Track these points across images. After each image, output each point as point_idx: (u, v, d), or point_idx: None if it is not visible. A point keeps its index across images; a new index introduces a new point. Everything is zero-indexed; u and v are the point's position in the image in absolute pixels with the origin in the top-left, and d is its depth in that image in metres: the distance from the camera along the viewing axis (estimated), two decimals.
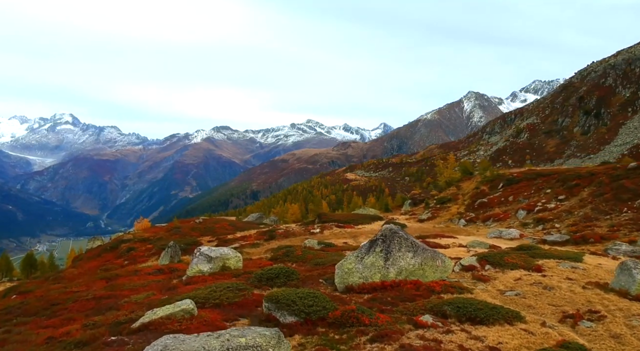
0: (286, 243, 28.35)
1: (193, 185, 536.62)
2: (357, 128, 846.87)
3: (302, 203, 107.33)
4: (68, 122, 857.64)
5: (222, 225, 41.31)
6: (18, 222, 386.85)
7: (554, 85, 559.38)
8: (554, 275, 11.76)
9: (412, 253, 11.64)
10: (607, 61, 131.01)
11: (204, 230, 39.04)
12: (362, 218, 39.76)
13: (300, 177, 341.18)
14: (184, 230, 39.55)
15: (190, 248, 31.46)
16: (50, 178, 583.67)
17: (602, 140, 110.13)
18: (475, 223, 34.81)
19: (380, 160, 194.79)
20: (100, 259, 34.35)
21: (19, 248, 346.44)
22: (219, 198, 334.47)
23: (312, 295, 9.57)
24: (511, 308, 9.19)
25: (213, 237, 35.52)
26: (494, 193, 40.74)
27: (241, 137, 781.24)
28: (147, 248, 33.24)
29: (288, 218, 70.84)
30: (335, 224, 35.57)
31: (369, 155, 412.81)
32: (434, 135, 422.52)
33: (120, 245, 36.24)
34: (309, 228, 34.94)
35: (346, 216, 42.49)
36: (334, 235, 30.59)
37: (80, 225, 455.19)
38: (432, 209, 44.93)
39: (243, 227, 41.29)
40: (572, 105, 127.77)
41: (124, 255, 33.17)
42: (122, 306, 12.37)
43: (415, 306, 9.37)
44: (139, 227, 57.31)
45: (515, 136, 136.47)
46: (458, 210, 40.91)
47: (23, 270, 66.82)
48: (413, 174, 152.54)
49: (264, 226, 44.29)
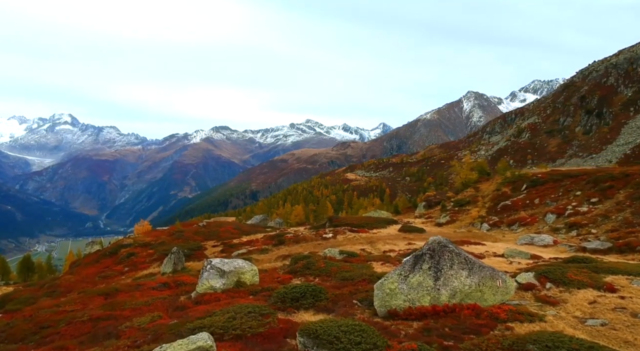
0: (297, 249, 26.67)
1: (192, 185, 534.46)
2: (356, 128, 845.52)
3: (304, 204, 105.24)
4: (67, 122, 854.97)
5: (227, 228, 39.45)
6: (17, 222, 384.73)
7: (554, 84, 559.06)
8: (633, 297, 9.92)
9: (467, 271, 9.81)
10: (609, 60, 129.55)
11: (208, 234, 37.42)
12: (375, 222, 37.54)
13: (299, 177, 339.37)
14: (187, 234, 37.66)
15: (194, 253, 29.44)
16: (49, 178, 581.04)
17: (605, 140, 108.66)
18: (499, 228, 32.54)
19: (380, 160, 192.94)
20: (99, 265, 32.46)
21: (17, 249, 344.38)
22: (218, 199, 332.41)
23: (358, 329, 7.76)
24: (608, 345, 7.39)
25: (218, 242, 33.93)
26: (517, 196, 38.57)
27: (240, 137, 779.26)
28: (148, 254, 31.50)
29: (292, 220, 69.18)
30: (349, 228, 33.61)
31: (368, 155, 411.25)
32: (434, 135, 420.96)
33: (120, 250, 34.48)
34: (320, 232, 32.99)
35: (359, 219, 39.87)
36: (348, 240, 28.53)
37: (79, 225, 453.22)
38: (450, 212, 42.66)
39: (249, 230, 39.34)
40: (573, 104, 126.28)
41: (123, 261, 31.46)
42: (122, 333, 10.55)
43: (487, 344, 7.49)
44: (139, 231, 55.03)
45: (517, 136, 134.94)
46: (479, 213, 38.57)
47: (20, 273, 64.31)
48: (414, 174, 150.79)
49: (270, 229, 42.49)
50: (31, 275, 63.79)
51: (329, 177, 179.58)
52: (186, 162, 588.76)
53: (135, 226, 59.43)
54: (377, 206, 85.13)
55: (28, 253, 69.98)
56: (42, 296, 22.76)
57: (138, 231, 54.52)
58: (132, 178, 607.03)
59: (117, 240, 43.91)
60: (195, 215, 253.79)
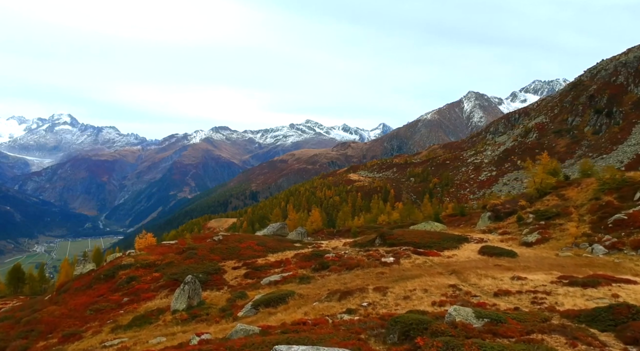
0: (352, 279, 20.26)
1: (192, 186, 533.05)
2: (356, 129, 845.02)
3: (320, 209, 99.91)
4: (66, 122, 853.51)
5: (248, 244, 32.48)
6: (16, 223, 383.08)
7: (554, 85, 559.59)
8: None
9: None
10: (618, 59, 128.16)
11: (226, 252, 30.57)
12: (441, 240, 30.00)
13: (299, 177, 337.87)
14: (200, 251, 30.74)
15: (212, 279, 23.99)
16: (48, 178, 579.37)
17: (615, 140, 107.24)
18: (621, 251, 25.09)
19: (384, 161, 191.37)
20: (92, 292, 26.41)
21: (16, 250, 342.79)
22: (218, 199, 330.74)
23: None
24: None
25: (239, 262, 27.73)
26: (631, 207, 30.47)
27: (240, 137, 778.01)
28: (153, 278, 25.83)
29: (308, 227, 62.73)
30: (411, 249, 26.64)
31: (368, 155, 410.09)
32: (434, 135, 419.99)
33: (118, 272, 27.74)
34: (373, 253, 25.81)
35: (417, 236, 31.88)
36: (419, 268, 22.15)
37: (78, 225, 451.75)
38: (534, 227, 34.44)
39: (275, 246, 31.48)
40: (582, 103, 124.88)
41: (122, 288, 25.61)
42: None
43: None
44: (141, 244, 46.16)
45: (524, 136, 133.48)
46: (579, 230, 30.98)
47: (9, 283, 59.92)
48: (418, 175, 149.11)
49: (300, 244, 34.20)
50: (22, 286, 59.88)
51: (331, 177, 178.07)
52: (186, 163, 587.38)
53: (137, 238, 50.14)
54: (398, 211, 79.58)
55: (18, 263, 63.32)
56: (15, 338, 19.88)
57: (140, 245, 46.18)
58: (132, 178, 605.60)
59: (114, 257, 34.55)
60: (195, 215, 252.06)
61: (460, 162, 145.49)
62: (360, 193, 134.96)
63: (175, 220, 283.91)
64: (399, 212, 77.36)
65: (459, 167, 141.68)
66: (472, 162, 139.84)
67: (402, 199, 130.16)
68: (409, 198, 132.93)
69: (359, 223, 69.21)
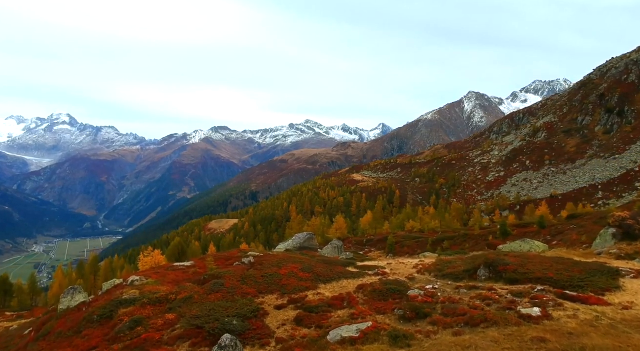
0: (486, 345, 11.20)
1: (191, 186, 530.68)
2: (355, 129, 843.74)
3: (344, 215, 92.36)
4: (65, 122, 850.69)
5: (290, 269, 21.43)
6: (14, 222, 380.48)
7: (555, 85, 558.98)
8: None
9: None
10: (629, 57, 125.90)
11: (263, 282, 17.40)
12: (581, 272, 18.30)
13: (300, 177, 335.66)
14: (228, 281, 18.30)
15: (250, 327, 15.12)
16: (47, 178, 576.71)
17: (628, 140, 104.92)
18: None
19: (388, 161, 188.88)
20: (80, 342, 16.76)
21: (15, 250, 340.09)
22: (218, 199, 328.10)
23: None
24: None
25: (282, 297, 17.80)
26: None
27: (239, 137, 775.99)
28: (166, 323, 16.35)
29: (331, 235, 56.22)
30: (554, 291, 15.98)
31: (369, 155, 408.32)
32: (435, 135, 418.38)
33: (118, 310, 18.45)
34: (491, 295, 15.75)
35: (542, 265, 19.53)
36: (593, 328, 12.07)
37: (77, 225, 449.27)
38: None
39: (324, 273, 19.02)
40: (592, 102, 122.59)
41: (123, 336, 16.15)
42: None
43: None
44: (146, 264, 35.87)
45: (532, 135, 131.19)
46: None
47: None
48: (424, 175, 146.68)
49: (355, 269, 22.61)
50: (9, 300, 54.61)
51: (333, 178, 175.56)
52: (185, 163, 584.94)
53: (141, 257, 40.61)
54: (430, 215, 70.96)
55: (5, 274, 56.53)
56: None
57: (144, 265, 36.16)
58: (131, 178, 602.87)
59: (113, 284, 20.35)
60: (195, 216, 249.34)
61: (466, 162, 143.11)
62: (365, 194, 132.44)
63: (175, 220, 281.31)
64: (432, 217, 68.41)
65: (466, 167, 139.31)
66: (479, 162, 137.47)
67: (408, 200, 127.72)
68: (414, 199, 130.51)
69: (384, 231, 63.75)
